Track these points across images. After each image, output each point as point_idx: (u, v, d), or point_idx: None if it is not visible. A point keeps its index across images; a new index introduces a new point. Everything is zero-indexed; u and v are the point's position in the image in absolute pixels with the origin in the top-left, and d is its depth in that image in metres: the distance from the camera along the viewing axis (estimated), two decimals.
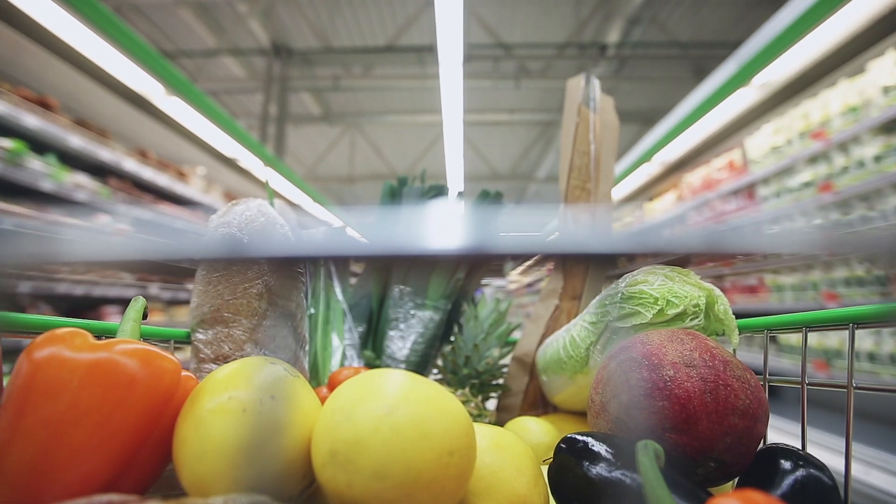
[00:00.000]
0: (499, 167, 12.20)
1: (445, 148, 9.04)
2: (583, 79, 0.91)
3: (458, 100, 6.90)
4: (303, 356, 0.63)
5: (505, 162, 12.06)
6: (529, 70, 8.09)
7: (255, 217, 0.60)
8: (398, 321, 0.88)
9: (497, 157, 11.72)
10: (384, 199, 1.00)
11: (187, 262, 0.57)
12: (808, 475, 0.40)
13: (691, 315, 0.53)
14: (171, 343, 0.58)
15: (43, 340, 0.39)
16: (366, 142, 10.71)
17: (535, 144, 11.10)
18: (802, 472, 0.40)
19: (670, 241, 0.32)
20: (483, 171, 12.05)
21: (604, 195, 0.88)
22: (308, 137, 10.74)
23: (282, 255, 0.52)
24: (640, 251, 0.29)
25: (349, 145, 10.91)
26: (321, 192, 10.15)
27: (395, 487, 0.34)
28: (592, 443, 0.40)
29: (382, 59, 7.78)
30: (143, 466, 0.40)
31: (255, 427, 0.37)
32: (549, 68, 8.10)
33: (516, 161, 11.84)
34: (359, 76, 8.34)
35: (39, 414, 0.35)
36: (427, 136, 10.51)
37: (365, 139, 10.62)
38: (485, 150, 11.22)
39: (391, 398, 0.37)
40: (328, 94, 9.29)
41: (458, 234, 0.28)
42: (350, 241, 0.29)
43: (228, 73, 8.42)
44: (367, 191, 13.41)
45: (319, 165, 11.57)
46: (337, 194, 13.69)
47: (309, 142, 10.96)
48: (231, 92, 8.94)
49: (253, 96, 8.76)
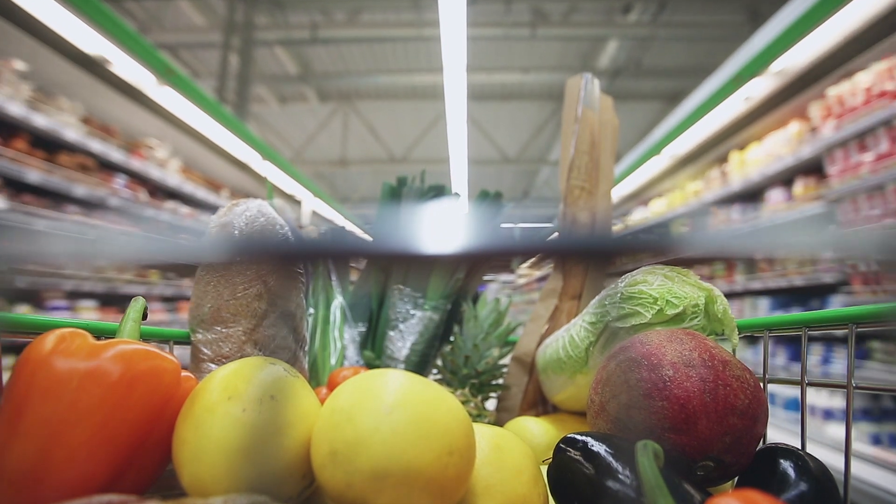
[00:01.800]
0: (507, 149, 10.62)
1: (448, 127, 7.44)
2: (583, 78, 0.91)
3: (461, 54, 5.43)
4: (303, 356, 0.63)
5: (513, 144, 10.52)
6: (548, 15, 6.49)
7: (255, 217, 0.60)
8: (398, 321, 0.88)
9: (505, 137, 10.22)
10: (384, 199, 1.00)
11: (187, 261, 0.57)
12: (807, 475, 0.40)
13: (691, 315, 0.53)
14: (170, 343, 0.59)
15: (43, 340, 0.39)
16: (360, 121, 9.39)
17: (548, 123, 9.56)
18: (802, 471, 0.40)
19: (672, 241, 0.32)
20: (490, 154, 10.52)
21: (604, 195, 0.88)
22: (296, 117, 9.44)
23: (282, 255, 0.53)
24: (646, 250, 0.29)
25: (341, 126, 9.58)
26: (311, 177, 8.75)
27: (394, 487, 0.34)
28: (592, 443, 0.40)
29: (370, 1, 6.35)
30: (143, 466, 0.40)
31: (255, 427, 0.38)
32: (572, 13, 6.45)
33: (526, 142, 10.30)
34: (342, 24, 6.67)
35: (39, 414, 0.35)
36: (427, 116, 9.21)
37: (359, 118, 9.30)
38: (492, 131, 9.82)
39: (391, 398, 0.37)
40: (306, 49, 7.46)
41: (458, 234, 0.28)
42: (350, 241, 0.29)
43: (187, 21, 6.81)
44: (362, 175, 12.00)
45: (309, 147, 10.24)
46: (328, 179, 12.39)
47: (297, 122, 9.64)
48: (190, 46, 7.29)
49: (218, 52, 6.93)
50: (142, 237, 0.30)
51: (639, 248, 0.30)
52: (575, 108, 0.90)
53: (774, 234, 0.29)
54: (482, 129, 9.53)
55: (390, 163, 10.87)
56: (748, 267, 3.63)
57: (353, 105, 9.05)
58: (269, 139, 9.95)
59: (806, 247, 0.30)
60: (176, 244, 0.34)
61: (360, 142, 10.32)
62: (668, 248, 0.31)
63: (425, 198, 0.98)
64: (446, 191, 1.00)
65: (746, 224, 3.73)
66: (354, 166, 11.03)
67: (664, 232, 0.60)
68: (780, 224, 3.30)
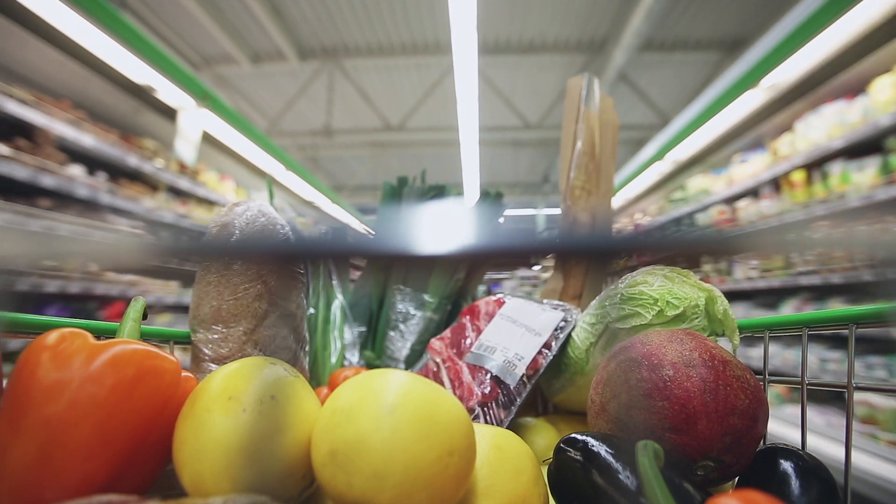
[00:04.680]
0: (527, 114, 8.50)
1: (456, 85, 6.13)
2: (583, 78, 0.91)
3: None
4: (303, 356, 0.63)
5: (535, 108, 8.39)
6: None
7: (255, 217, 0.60)
8: (398, 321, 0.89)
9: (525, 101, 8.22)
10: (384, 198, 1.00)
11: (186, 261, 0.57)
12: (807, 475, 0.40)
13: (691, 316, 0.53)
14: (171, 343, 0.59)
15: (43, 340, 0.39)
16: (348, 83, 7.52)
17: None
18: (802, 471, 0.40)
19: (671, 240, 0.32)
20: (507, 119, 8.51)
21: (604, 195, 0.88)
22: (272, 80, 7.63)
23: (282, 255, 0.53)
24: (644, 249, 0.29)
25: (326, 89, 7.62)
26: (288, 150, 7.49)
27: (394, 487, 0.34)
28: (592, 443, 0.40)
29: None
30: (143, 466, 0.40)
31: (255, 427, 0.38)
32: None
33: (551, 105, 8.12)
34: None
35: (39, 414, 0.35)
36: (429, 76, 7.39)
37: (347, 79, 7.43)
38: (509, 93, 7.90)
39: (391, 398, 0.37)
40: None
41: (458, 233, 0.28)
42: (350, 241, 0.29)
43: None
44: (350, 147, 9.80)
45: (287, 115, 8.33)
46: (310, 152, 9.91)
47: (273, 85, 7.82)
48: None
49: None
50: (141, 236, 0.30)
51: (639, 248, 0.30)
52: (576, 108, 0.90)
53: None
54: (496, 88, 7.55)
55: (385, 131, 8.89)
56: None
57: (340, 64, 7.13)
58: (241, 107, 8.24)
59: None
60: (176, 244, 0.34)
61: (347, 108, 8.39)
62: (668, 248, 0.31)
63: (426, 197, 0.98)
64: (447, 190, 1.00)
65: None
66: (341, 136, 9.01)
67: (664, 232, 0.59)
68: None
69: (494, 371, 0.61)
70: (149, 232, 3.24)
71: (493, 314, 0.70)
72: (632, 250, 0.30)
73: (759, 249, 0.28)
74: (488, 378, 0.61)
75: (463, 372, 0.64)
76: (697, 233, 0.31)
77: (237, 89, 8.03)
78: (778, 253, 0.29)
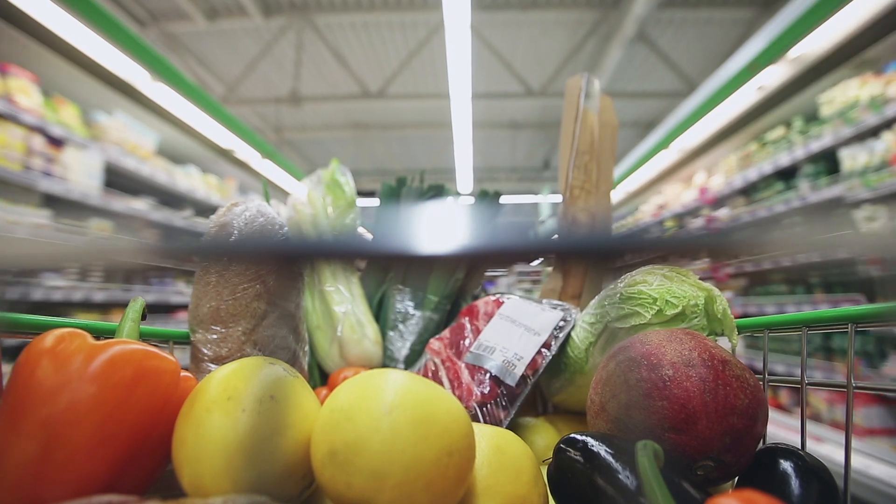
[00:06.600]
0: (530, 79, 7.24)
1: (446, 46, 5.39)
2: (583, 78, 0.91)
3: None
4: (302, 356, 0.63)
5: (539, 72, 7.14)
6: None
7: (254, 217, 0.60)
8: (398, 321, 0.89)
9: (527, 63, 7.03)
10: (382, 199, 1.00)
11: (185, 262, 0.57)
12: (807, 475, 0.40)
13: (690, 315, 0.53)
14: (170, 343, 0.59)
15: (42, 340, 0.39)
16: (319, 41, 6.36)
17: (587, 42, 6.33)
18: (802, 471, 0.40)
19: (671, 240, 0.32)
20: (507, 85, 7.26)
21: (604, 195, 0.88)
22: (231, 39, 6.45)
23: (281, 255, 0.53)
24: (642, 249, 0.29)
25: (294, 49, 6.46)
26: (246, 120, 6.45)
27: (394, 488, 0.34)
28: (592, 443, 0.40)
29: None
30: (143, 466, 0.40)
31: (255, 427, 0.38)
32: None
33: (557, 69, 6.92)
34: None
35: (39, 414, 0.35)
36: (413, 35, 6.34)
37: (318, 37, 6.30)
38: (509, 55, 6.73)
39: (391, 398, 0.37)
40: None
41: (457, 233, 0.28)
42: (350, 241, 0.29)
43: None
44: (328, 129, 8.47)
45: (248, 80, 7.09)
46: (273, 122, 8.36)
47: (232, 45, 6.59)
48: None
49: None
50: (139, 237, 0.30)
51: (638, 248, 0.30)
52: (575, 107, 0.90)
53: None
54: (495, 51, 6.48)
55: (363, 98, 7.57)
56: None
57: (311, 20, 6.11)
58: (196, 72, 6.99)
59: None
60: (176, 244, 0.34)
61: (319, 72, 7.17)
62: (667, 248, 0.31)
63: (424, 197, 0.98)
64: (446, 191, 1.00)
65: None
66: (310, 104, 7.63)
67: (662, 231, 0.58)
68: None
69: (494, 371, 0.61)
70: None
71: (492, 314, 0.70)
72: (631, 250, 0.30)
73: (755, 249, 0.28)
74: (487, 378, 0.61)
75: (462, 372, 0.65)
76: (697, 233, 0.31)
77: (190, 50, 6.65)
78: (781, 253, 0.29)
